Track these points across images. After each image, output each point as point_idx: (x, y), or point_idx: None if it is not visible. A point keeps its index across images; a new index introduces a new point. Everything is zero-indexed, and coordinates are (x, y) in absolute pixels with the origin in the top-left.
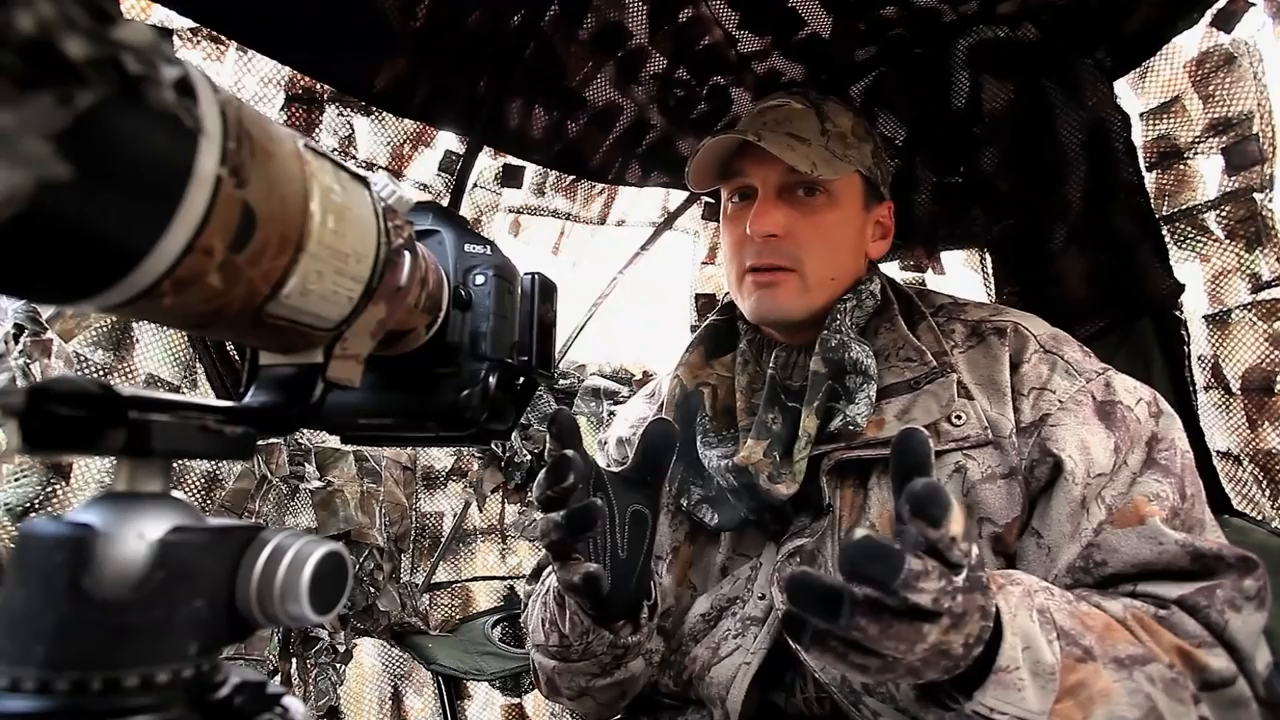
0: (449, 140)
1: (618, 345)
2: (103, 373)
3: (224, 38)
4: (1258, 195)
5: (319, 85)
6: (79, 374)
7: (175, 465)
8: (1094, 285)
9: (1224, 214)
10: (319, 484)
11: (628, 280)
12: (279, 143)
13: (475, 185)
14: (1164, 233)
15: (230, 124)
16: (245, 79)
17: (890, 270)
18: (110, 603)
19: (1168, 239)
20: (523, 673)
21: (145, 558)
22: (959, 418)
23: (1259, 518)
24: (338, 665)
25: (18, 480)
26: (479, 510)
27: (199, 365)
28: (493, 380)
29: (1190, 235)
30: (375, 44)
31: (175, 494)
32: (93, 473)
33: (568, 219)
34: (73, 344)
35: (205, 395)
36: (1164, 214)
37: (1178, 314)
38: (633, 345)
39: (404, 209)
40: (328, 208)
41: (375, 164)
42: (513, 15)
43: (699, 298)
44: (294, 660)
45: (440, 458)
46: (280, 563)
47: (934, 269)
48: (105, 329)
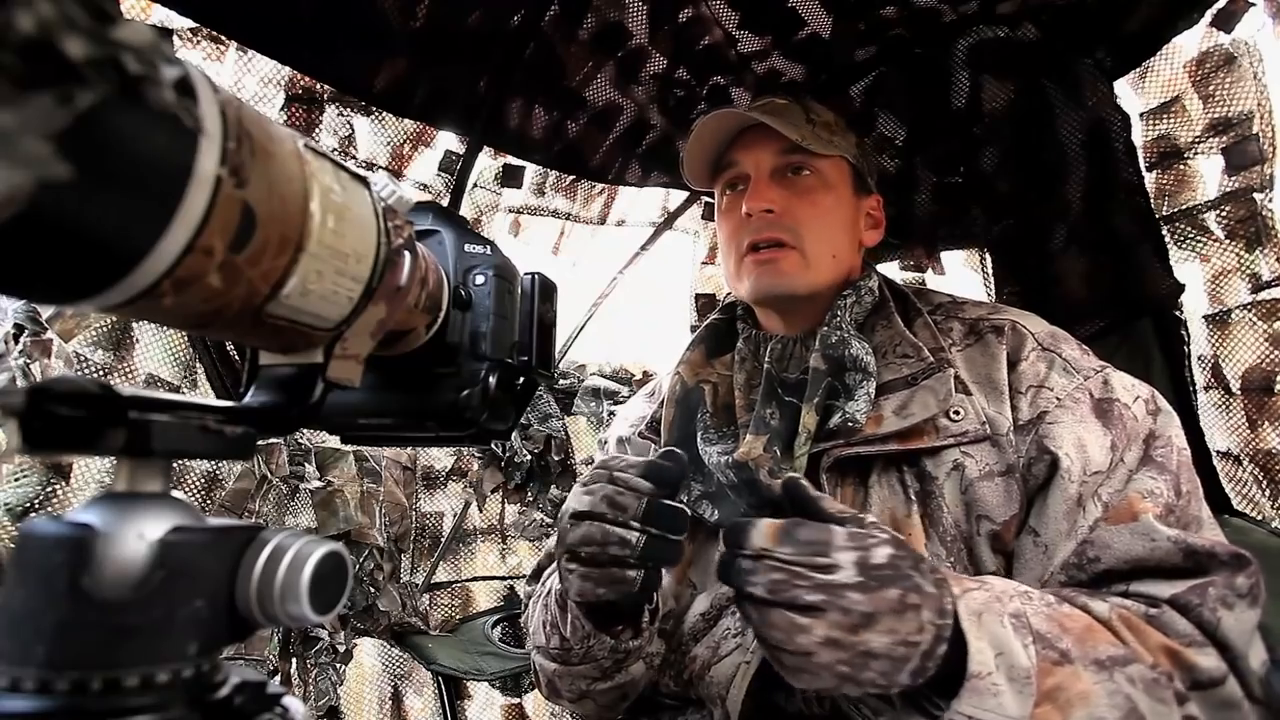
0: (449, 140)
1: (618, 345)
2: (103, 373)
3: (224, 38)
4: (1258, 195)
5: (319, 85)
6: (79, 374)
7: (175, 465)
8: (1094, 285)
9: (1224, 214)
10: (319, 484)
11: (628, 280)
12: (279, 143)
13: (475, 185)
14: (1164, 233)
15: (230, 124)
16: (245, 79)
17: (890, 270)
18: (110, 603)
19: (1168, 239)
20: (523, 673)
21: (145, 558)
22: (957, 413)
23: (1259, 518)
24: (338, 665)
25: (18, 480)
26: (479, 510)
27: (199, 365)
28: (493, 380)
29: (1190, 235)
30: (375, 44)
31: (175, 494)
32: (93, 473)
33: (568, 219)
34: (73, 344)
35: (205, 395)
36: (1164, 214)
37: (1178, 314)
38: (633, 345)
39: (404, 209)
40: (328, 208)
41: (375, 164)
42: (513, 15)
43: (699, 298)
44: (294, 660)
45: (440, 458)
46: (280, 563)
47: (934, 269)
48: (105, 329)
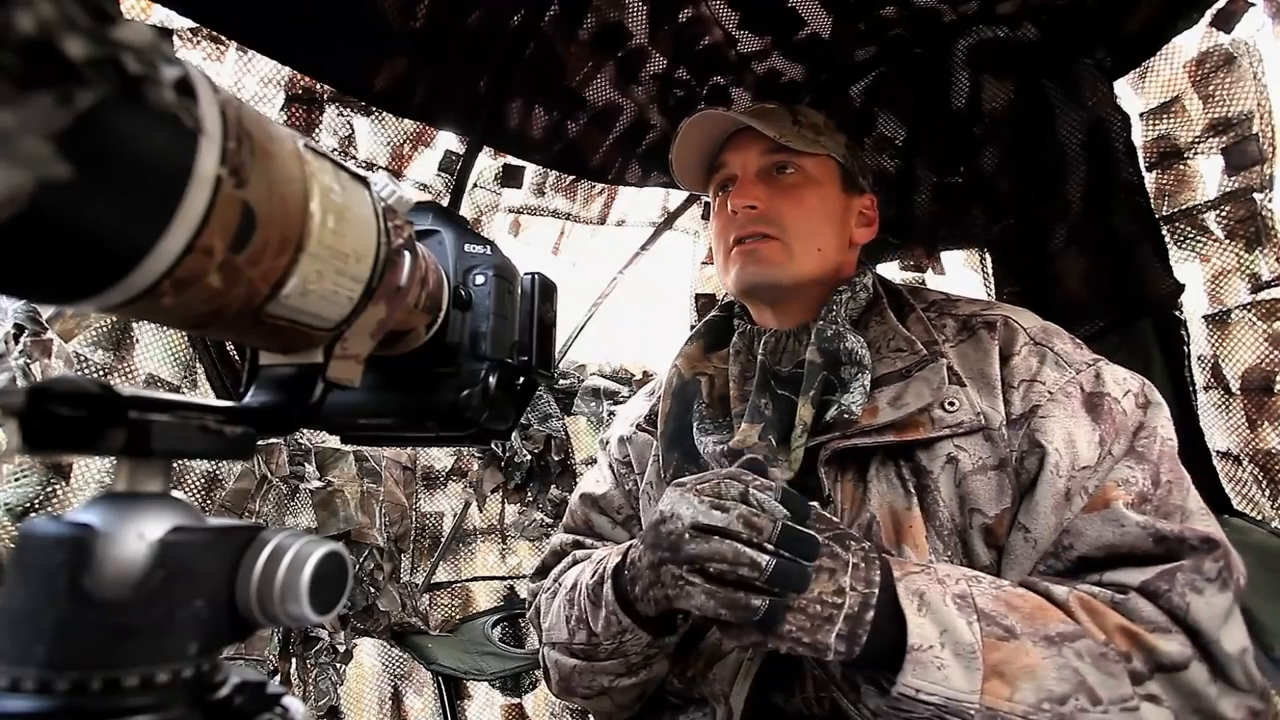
0: (449, 140)
1: (618, 345)
2: (103, 373)
3: (224, 38)
4: (1258, 195)
5: (319, 85)
6: (79, 374)
7: (175, 465)
8: (1094, 285)
9: (1224, 214)
10: (319, 484)
11: (628, 280)
12: (279, 143)
13: (475, 185)
14: (1164, 233)
15: (230, 124)
16: (245, 79)
17: (890, 270)
18: (110, 603)
19: (1168, 239)
20: (523, 673)
21: (145, 558)
22: (952, 404)
23: (1259, 518)
24: (338, 665)
25: (18, 480)
26: (479, 510)
27: (199, 365)
28: (493, 380)
29: (1190, 235)
30: (375, 44)
31: (175, 494)
32: (93, 473)
33: (568, 219)
34: (73, 344)
35: (205, 395)
36: (1164, 214)
37: (1177, 314)
38: (633, 345)
39: (404, 209)
40: (328, 208)
41: (375, 164)
42: (513, 15)
43: (699, 298)
44: (294, 660)
45: (440, 458)
46: (280, 563)
47: (934, 269)
48: (105, 329)
